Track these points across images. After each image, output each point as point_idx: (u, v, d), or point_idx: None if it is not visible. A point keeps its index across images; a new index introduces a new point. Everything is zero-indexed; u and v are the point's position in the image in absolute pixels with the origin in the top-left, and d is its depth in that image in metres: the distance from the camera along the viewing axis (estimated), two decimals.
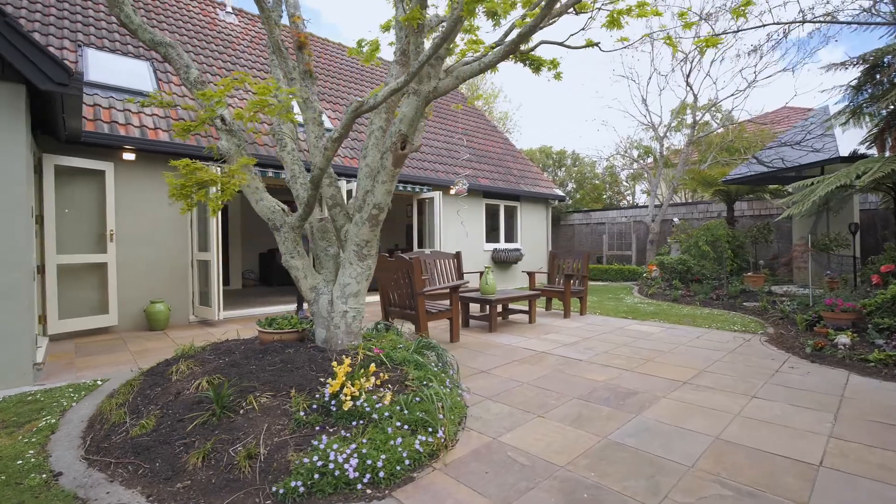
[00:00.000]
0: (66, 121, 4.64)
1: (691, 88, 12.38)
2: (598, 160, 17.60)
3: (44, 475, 2.39)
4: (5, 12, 3.31)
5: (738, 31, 7.42)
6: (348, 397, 2.63)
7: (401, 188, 9.22)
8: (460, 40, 3.92)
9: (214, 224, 6.49)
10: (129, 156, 6.09)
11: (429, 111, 5.18)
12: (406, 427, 2.54)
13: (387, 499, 2.17)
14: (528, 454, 2.57)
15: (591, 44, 3.52)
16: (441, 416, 2.71)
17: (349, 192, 8.11)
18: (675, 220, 12.51)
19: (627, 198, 19.83)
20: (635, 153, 16.38)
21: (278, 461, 2.33)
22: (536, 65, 3.67)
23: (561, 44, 3.28)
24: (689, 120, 13.09)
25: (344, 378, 2.69)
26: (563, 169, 18.71)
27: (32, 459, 2.55)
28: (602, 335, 5.70)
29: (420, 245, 9.94)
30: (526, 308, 6.85)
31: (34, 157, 5.22)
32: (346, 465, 2.19)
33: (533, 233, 12.76)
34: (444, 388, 3.16)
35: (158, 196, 6.31)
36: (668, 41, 3.31)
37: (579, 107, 40.94)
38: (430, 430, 2.59)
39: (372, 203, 3.43)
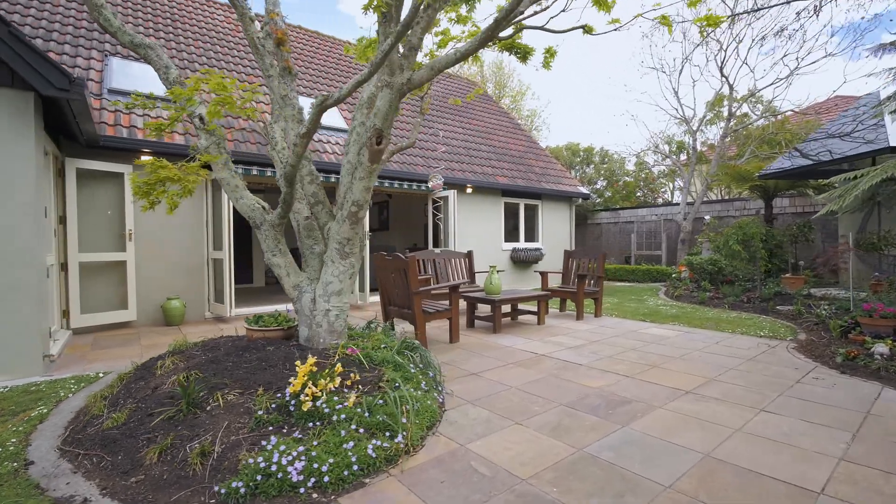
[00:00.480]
0: (80, 125, 4.87)
1: (726, 79, 11.66)
2: (627, 156, 16.92)
3: (16, 463, 2.47)
4: (8, 22, 3.49)
5: (756, 9, 6.85)
6: (308, 398, 2.57)
7: (415, 187, 9.18)
8: (451, 23, 3.81)
9: (227, 224, 6.67)
10: (146, 158, 6.33)
11: (425, 106, 5.10)
12: (363, 430, 2.45)
13: (336, 499, 2.09)
14: (492, 464, 2.42)
15: (584, 29, 3.32)
16: (405, 420, 2.60)
17: None
18: (707, 217, 11.81)
19: (664, 195, 18.96)
20: (666, 148, 15.60)
21: (230, 460, 2.30)
22: (523, 53, 3.49)
23: (543, 28, 3.09)
24: (726, 112, 12.32)
25: (305, 378, 2.64)
26: (592, 166, 18.09)
27: (11, 448, 2.64)
28: (611, 338, 5.41)
29: (436, 244, 9.86)
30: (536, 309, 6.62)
31: (58, 161, 5.53)
32: (289, 468, 2.13)
33: (555, 232, 12.41)
34: (418, 390, 3.06)
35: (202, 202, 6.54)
36: (663, 21, 3.06)
37: (606, 102, 39.72)
38: (390, 434, 2.49)
39: (351, 200, 3.37)
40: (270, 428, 2.49)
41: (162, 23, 9.24)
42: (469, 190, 10.24)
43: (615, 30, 3.15)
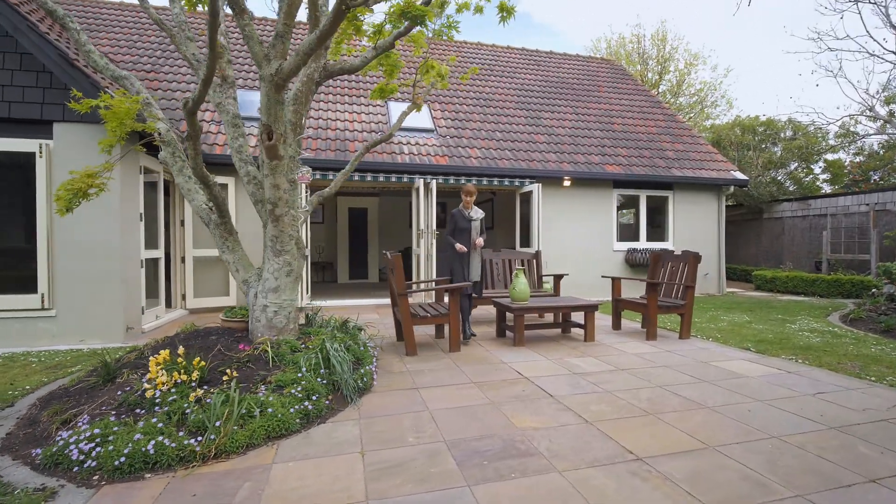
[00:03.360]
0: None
1: None
2: (823, 125, 12.33)
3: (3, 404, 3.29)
4: (69, 58, 4.66)
5: None
6: (151, 387, 2.70)
7: (496, 182, 8.67)
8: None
9: (308, 227, 7.53)
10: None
11: (417, 98, 4.75)
12: (161, 426, 2.44)
13: (96, 488, 2.15)
14: (272, 494, 2.11)
15: None
16: (218, 423, 2.49)
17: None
18: None
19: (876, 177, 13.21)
20: (884, 112, 10.79)
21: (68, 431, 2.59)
22: (420, 19, 2.85)
23: None
24: None
25: (157, 367, 2.78)
26: (779, 145, 13.76)
27: (10, 395, 3.52)
28: (656, 369, 4.10)
29: (525, 244, 9.11)
30: (607, 320, 5.47)
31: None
32: (72, 447, 2.29)
33: (693, 229, 10.01)
34: (287, 396, 2.89)
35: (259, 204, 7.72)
36: None
37: (787, 61, 29.80)
38: (199, 435, 2.42)
39: (265, 199, 3.39)
40: (122, 408, 2.71)
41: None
42: (567, 182, 9.13)
43: None
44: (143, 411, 2.64)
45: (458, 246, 5.05)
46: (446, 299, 4.91)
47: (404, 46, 12.12)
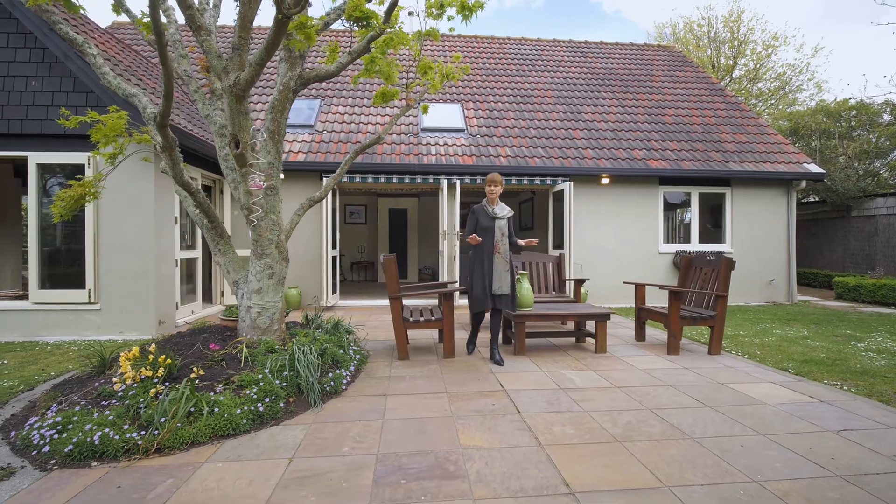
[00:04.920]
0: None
1: None
2: None
3: (22, 387, 3.73)
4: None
5: None
6: (118, 380, 2.91)
7: (525, 181, 8.36)
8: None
9: (329, 227, 7.79)
10: (280, 175, 8.06)
11: (409, 99, 4.68)
12: (112, 418, 2.61)
13: (48, 472, 2.35)
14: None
15: None
16: (164, 420, 2.61)
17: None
18: None
19: None
20: None
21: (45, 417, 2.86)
22: (365, 21, 2.74)
23: None
24: None
25: (127, 362, 2.98)
26: (875, 131, 11.73)
27: (37, 378, 3.96)
28: (653, 388, 3.69)
29: (558, 245, 8.69)
30: (625, 328, 5.07)
31: (217, 183, 7.70)
32: (34, 433, 2.52)
33: (756, 229, 8.93)
34: (241, 396, 2.97)
35: (295, 204, 8.07)
36: None
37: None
38: (126, 427, 2.57)
39: (241, 205, 3.52)
40: (98, 399, 2.94)
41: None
42: (605, 180, 8.57)
43: None
44: (108, 403, 2.85)
45: (473, 237, 4.20)
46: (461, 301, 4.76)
47: (433, 48, 12.10)
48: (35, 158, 5.63)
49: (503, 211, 4.36)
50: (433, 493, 2.13)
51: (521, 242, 4.33)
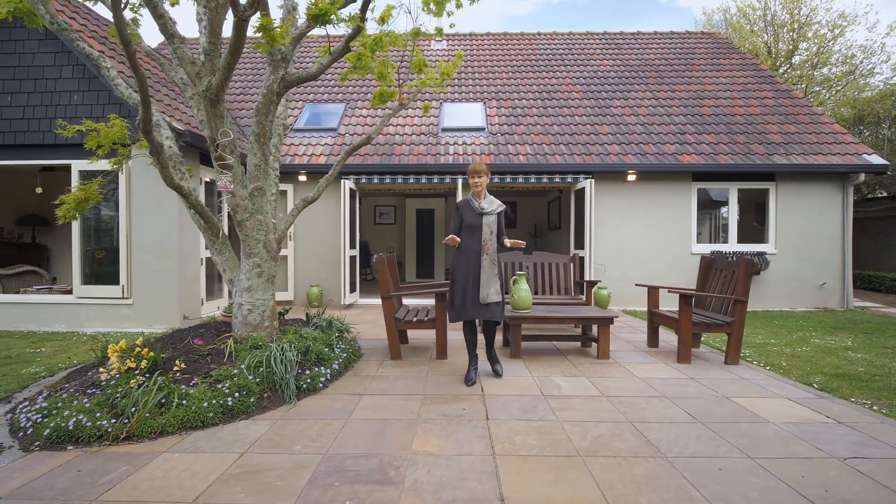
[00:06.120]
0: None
1: None
2: None
3: (45, 372, 4.08)
4: None
5: None
6: (104, 371, 3.11)
7: (545, 180, 8.11)
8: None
9: (348, 227, 7.96)
10: (302, 178, 8.36)
11: (403, 98, 4.65)
12: (89, 406, 2.78)
13: (29, 453, 2.56)
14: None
15: None
16: (134, 409, 2.76)
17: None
18: None
19: None
20: None
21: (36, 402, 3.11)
22: (324, 18, 2.72)
23: None
24: None
25: (114, 355, 3.18)
26: None
27: (61, 365, 4.33)
28: (646, 399, 3.45)
29: (580, 245, 8.37)
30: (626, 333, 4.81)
31: None
32: (22, 417, 2.75)
33: (805, 227, 8.12)
34: (213, 390, 3.09)
35: (318, 205, 8.30)
36: None
37: None
38: (100, 415, 2.73)
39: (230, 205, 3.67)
40: (89, 387, 3.17)
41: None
42: (631, 177, 8.15)
43: None
44: (93, 392, 3.06)
45: (451, 237, 3.66)
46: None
47: (450, 45, 12.01)
48: (77, 166, 6.17)
49: (492, 205, 3.76)
50: (361, 499, 2.10)
51: (508, 242, 3.91)
